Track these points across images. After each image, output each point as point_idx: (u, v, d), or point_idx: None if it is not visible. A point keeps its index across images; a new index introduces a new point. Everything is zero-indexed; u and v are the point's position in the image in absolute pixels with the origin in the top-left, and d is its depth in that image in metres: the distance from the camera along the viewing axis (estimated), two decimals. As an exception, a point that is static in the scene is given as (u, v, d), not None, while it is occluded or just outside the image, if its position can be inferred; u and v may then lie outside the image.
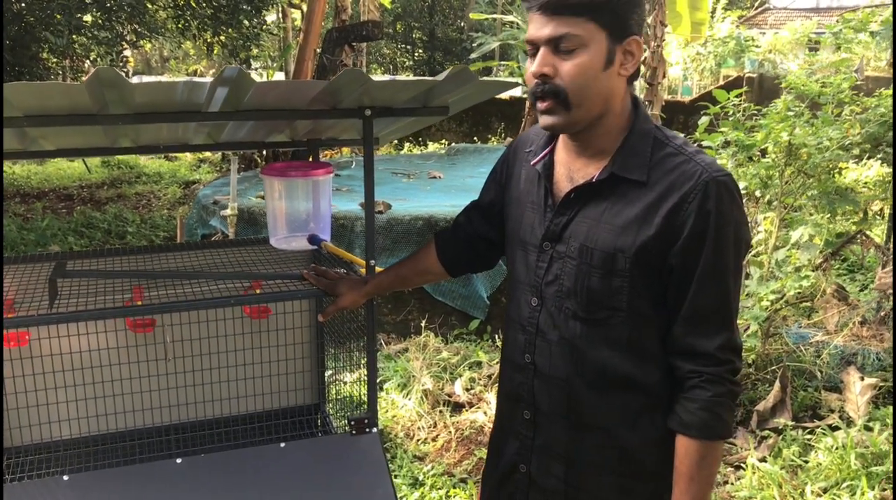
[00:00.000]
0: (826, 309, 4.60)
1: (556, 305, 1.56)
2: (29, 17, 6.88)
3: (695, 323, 1.46)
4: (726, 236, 1.44)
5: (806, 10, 25.44)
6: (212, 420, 2.36)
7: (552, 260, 1.57)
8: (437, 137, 14.17)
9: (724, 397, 1.46)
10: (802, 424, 3.78)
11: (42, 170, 12.45)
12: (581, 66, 1.42)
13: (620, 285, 1.48)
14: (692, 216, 1.42)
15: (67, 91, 1.54)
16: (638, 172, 1.47)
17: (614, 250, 1.47)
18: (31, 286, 2.08)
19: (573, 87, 1.43)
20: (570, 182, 1.56)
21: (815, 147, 3.98)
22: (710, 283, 1.44)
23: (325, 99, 1.81)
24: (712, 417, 1.46)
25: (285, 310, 2.37)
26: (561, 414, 1.59)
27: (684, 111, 12.98)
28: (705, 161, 1.45)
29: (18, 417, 2.17)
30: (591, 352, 1.53)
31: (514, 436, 1.69)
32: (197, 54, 19.92)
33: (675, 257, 1.44)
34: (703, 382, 1.46)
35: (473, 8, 21.90)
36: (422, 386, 4.19)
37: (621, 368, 1.52)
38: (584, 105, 1.45)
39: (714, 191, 1.41)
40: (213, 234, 5.90)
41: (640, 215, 1.46)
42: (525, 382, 1.64)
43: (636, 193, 1.47)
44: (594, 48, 1.42)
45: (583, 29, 1.40)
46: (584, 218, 1.52)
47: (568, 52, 1.42)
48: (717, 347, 1.45)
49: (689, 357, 1.48)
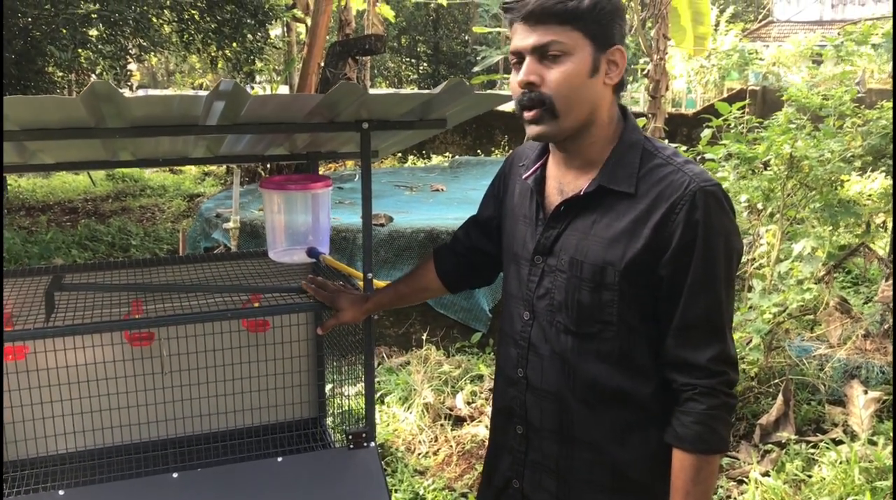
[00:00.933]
0: (829, 322, 4.57)
1: (547, 319, 1.55)
2: (35, 32, 6.92)
3: (686, 335, 1.45)
4: (716, 247, 1.42)
5: (809, 23, 25.47)
6: (210, 434, 2.35)
7: (543, 274, 1.56)
8: (440, 149, 14.19)
9: (719, 409, 1.44)
10: (806, 438, 3.76)
11: (47, 183, 12.50)
12: (567, 74, 1.42)
13: (610, 298, 1.47)
14: (680, 227, 1.41)
15: (63, 105, 1.55)
16: (626, 184, 1.46)
17: (603, 263, 1.46)
18: (28, 300, 2.08)
19: (559, 94, 1.42)
20: (560, 195, 1.55)
21: (816, 159, 3.98)
22: (700, 294, 1.43)
23: (322, 112, 1.81)
24: (707, 430, 1.44)
25: (284, 323, 2.37)
26: (552, 429, 1.58)
27: (688, 124, 12.97)
28: (693, 171, 1.44)
29: (14, 431, 2.17)
30: (582, 366, 1.52)
31: (508, 451, 1.68)
32: (202, 68, 20.02)
33: (664, 269, 1.43)
34: (697, 394, 1.44)
35: (477, 21, 21.99)
36: (423, 400, 4.18)
37: (612, 382, 1.50)
38: (571, 113, 1.44)
39: (702, 201, 1.40)
40: (216, 247, 5.91)
41: (628, 227, 1.45)
42: (518, 396, 1.63)
43: (625, 205, 1.46)
44: (579, 56, 1.42)
45: (568, 37, 1.41)
46: (574, 231, 1.51)
47: (553, 60, 1.42)
48: (710, 358, 1.44)
49: (682, 370, 1.46)
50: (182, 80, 23.12)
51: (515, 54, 1.46)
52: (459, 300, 5.33)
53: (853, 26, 5.17)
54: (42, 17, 6.64)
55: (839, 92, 4.27)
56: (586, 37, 1.42)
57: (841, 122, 4.29)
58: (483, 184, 8.24)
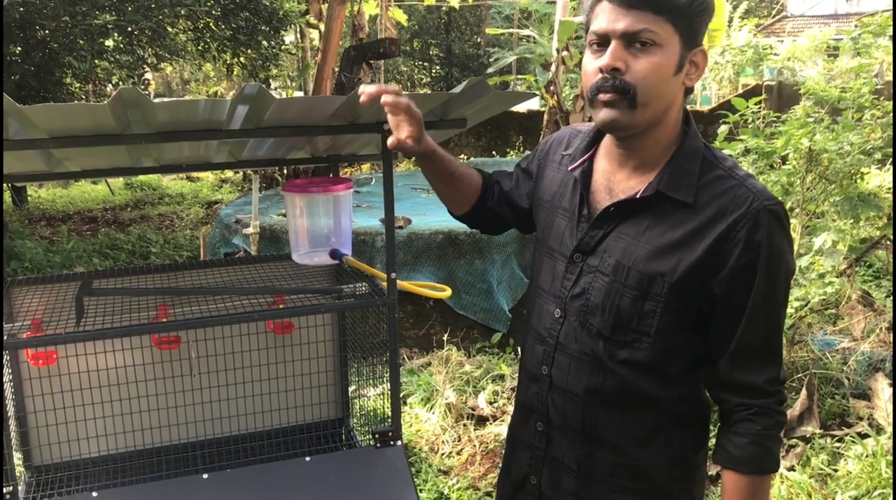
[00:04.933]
0: (852, 315, 4.55)
1: (579, 319, 1.51)
2: (53, 44, 7.00)
3: (745, 358, 1.41)
4: (777, 270, 1.38)
5: (824, 17, 25.32)
6: (237, 436, 2.37)
7: (581, 273, 1.51)
8: (455, 151, 14.20)
9: (774, 429, 1.42)
10: (831, 432, 3.74)
11: (67, 193, 12.62)
12: (656, 65, 1.35)
13: (653, 308, 1.42)
14: (740, 245, 1.36)
15: (91, 111, 1.57)
16: (685, 193, 1.41)
17: (653, 273, 1.41)
18: (58, 305, 2.11)
19: (644, 85, 1.36)
20: (608, 194, 1.50)
21: (836, 153, 3.95)
22: (760, 316, 1.39)
23: (344, 114, 1.83)
24: (763, 450, 1.41)
25: (308, 324, 2.39)
26: (574, 429, 1.55)
27: (704, 120, 12.92)
28: (757, 187, 1.39)
29: (48, 434, 2.20)
30: (612, 372, 1.48)
31: (526, 447, 1.66)
32: (217, 76, 20.15)
33: (719, 287, 1.39)
34: (752, 415, 1.41)
35: (489, 23, 21.99)
36: (445, 400, 4.19)
37: (640, 389, 1.47)
38: (650, 107, 1.38)
39: (766, 221, 1.36)
40: (236, 252, 5.94)
41: (683, 239, 1.39)
42: (540, 393, 1.60)
43: (681, 215, 1.41)
44: (669, 50, 1.36)
45: (661, 28, 1.34)
46: (622, 234, 1.46)
47: (643, 49, 1.35)
48: (766, 380, 1.41)
49: (737, 391, 1.43)
50: (197, 89, 23.27)
51: (599, 36, 1.38)
52: (479, 301, 5.34)
53: (870, 18, 5.13)
54: (60, 28, 6.72)
55: (857, 84, 4.24)
56: (677, 31, 1.36)
57: (860, 114, 4.26)
58: (500, 185, 8.26)
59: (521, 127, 13.64)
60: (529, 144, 13.50)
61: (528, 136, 13.50)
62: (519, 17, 20.32)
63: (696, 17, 1.38)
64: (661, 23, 1.34)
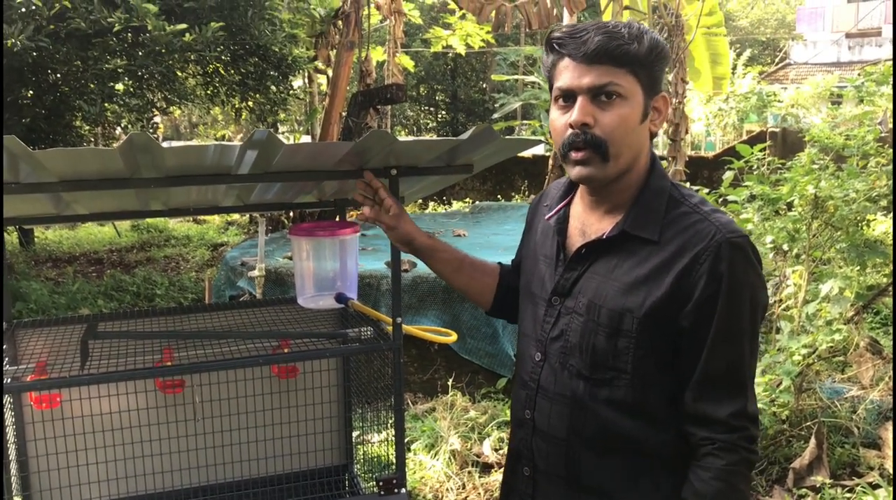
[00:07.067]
0: (860, 363, 4.51)
1: (559, 361, 1.52)
2: (64, 87, 7.08)
3: (707, 389, 1.41)
4: (740, 300, 1.39)
5: (827, 64, 25.56)
6: (240, 482, 2.35)
7: (560, 315, 1.53)
8: (461, 195, 14.28)
9: (739, 465, 1.40)
10: (841, 482, 3.68)
11: (73, 234, 12.67)
12: (623, 117, 1.40)
13: (626, 345, 1.43)
14: (704, 278, 1.38)
15: (100, 156, 1.59)
16: (650, 230, 1.44)
17: (622, 309, 1.43)
18: (62, 348, 2.11)
19: (614, 138, 1.40)
20: (582, 236, 1.54)
21: (841, 200, 3.96)
22: (722, 348, 1.39)
23: (352, 159, 1.84)
24: (727, 487, 1.39)
25: (313, 369, 2.38)
26: (559, 475, 1.54)
27: (708, 166, 13.00)
28: (720, 221, 1.41)
29: (49, 479, 2.18)
30: (593, 412, 1.48)
31: (516, 494, 1.65)
32: (225, 119, 20.36)
33: (685, 319, 1.40)
34: (717, 449, 1.40)
35: (495, 70, 22.24)
36: (450, 447, 4.14)
37: (623, 430, 1.46)
38: (622, 157, 1.42)
39: (727, 253, 1.37)
40: (241, 295, 5.94)
41: (650, 275, 1.42)
42: (525, 438, 1.60)
43: (647, 252, 1.44)
44: (634, 100, 1.41)
45: (624, 79, 1.39)
46: (594, 274, 1.49)
47: (609, 102, 1.40)
48: (730, 414, 1.39)
49: (701, 424, 1.42)
50: (205, 132, 23.49)
51: (565, 92, 1.43)
52: (484, 346, 5.31)
53: (873, 67, 5.18)
54: (71, 73, 6.80)
55: (862, 131, 4.26)
56: (638, 81, 1.41)
57: (864, 161, 4.28)
58: (505, 229, 8.27)
59: (525, 171, 13.73)
60: (534, 189, 13.57)
61: (532, 180, 13.57)
62: (524, 64, 20.55)
63: (656, 66, 1.43)
64: (623, 75, 1.39)
